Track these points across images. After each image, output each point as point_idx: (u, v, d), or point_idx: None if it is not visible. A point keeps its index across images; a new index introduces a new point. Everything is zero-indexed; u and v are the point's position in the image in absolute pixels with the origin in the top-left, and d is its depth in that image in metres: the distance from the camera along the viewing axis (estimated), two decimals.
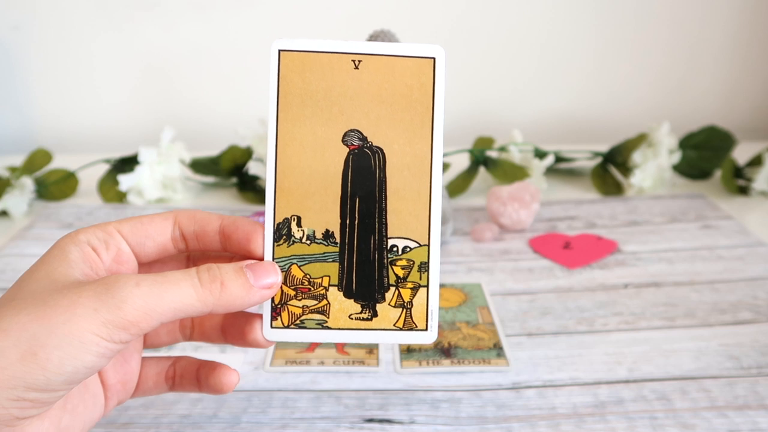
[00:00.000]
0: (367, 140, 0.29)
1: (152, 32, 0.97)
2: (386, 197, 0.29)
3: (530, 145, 0.82)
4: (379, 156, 0.29)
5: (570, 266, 0.60)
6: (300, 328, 0.30)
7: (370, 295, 0.30)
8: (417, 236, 0.29)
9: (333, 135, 0.29)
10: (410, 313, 0.30)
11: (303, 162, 0.29)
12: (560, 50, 0.99)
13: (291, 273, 0.29)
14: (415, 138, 0.29)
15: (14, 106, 1.00)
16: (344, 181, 0.30)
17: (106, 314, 0.26)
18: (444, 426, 0.41)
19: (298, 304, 0.29)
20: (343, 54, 0.30)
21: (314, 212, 0.29)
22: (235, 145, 0.80)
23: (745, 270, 0.59)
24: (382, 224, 0.29)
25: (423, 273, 0.30)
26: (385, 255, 0.29)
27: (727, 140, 0.81)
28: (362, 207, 0.29)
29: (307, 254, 0.30)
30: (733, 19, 0.98)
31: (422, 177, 0.29)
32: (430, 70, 0.30)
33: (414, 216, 0.29)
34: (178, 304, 0.28)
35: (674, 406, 0.42)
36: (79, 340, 0.26)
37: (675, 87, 1.02)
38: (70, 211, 0.73)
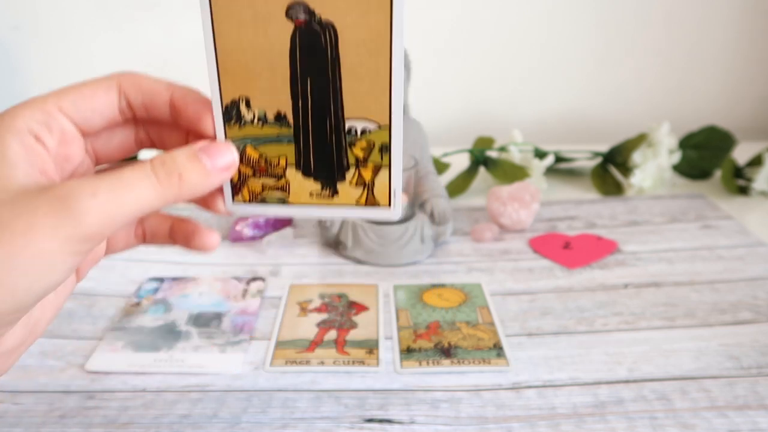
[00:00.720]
0: (315, 14, 0.26)
1: (152, 32, 0.97)
2: (341, 77, 0.27)
3: (530, 145, 0.82)
4: (329, 32, 0.26)
5: (570, 266, 0.60)
6: (261, 203, 0.29)
7: (330, 175, 0.29)
8: (377, 117, 0.28)
9: (275, 8, 0.26)
10: (372, 191, 0.29)
11: (244, 40, 0.27)
12: (560, 50, 0.99)
13: (246, 153, 0.28)
14: (371, 9, 0.26)
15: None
16: (292, 60, 0.27)
17: (67, 230, 0.25)
18: (444, 426, 0.41)
19: (258, 182, 0.29)
20: None
21: (263, 93, 0.27)
22: None
23: (745, 270, 0.59)
24: (338, 106, 0.27)
25: (384, 154, 0.28)
26: (343, 138, 0.28)
27: (727, 140, 0.81)
28: (314, 88, 0.27)
29: (261, 136, 0.28)
30: (734, 19, 0.98)
31: (380, 54, 0.26)
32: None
33: (372, 96, 0.27)
34: (138, 206, 0.26)
35: (674, 406, 0.42)
36: (44, 262, 0.25)
37: (675, 87, 1.02)
38: None
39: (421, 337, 0.50)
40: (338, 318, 0.52)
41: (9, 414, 0.42)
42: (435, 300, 0.55)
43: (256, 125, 0.28)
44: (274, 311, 0.54)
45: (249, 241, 0.66)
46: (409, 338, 0.50)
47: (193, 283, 0.58)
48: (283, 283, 0.58)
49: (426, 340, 0.49)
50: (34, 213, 0.25)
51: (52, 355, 0.48)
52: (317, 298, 0.55)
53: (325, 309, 0.54)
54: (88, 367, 0.46)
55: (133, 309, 0.54)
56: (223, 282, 0.58)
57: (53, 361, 0.47)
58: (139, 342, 0.49)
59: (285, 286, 0.58)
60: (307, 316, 0.53)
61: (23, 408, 0.43)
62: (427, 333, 0.50)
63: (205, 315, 0.53)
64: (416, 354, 0.48)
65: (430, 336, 0.50)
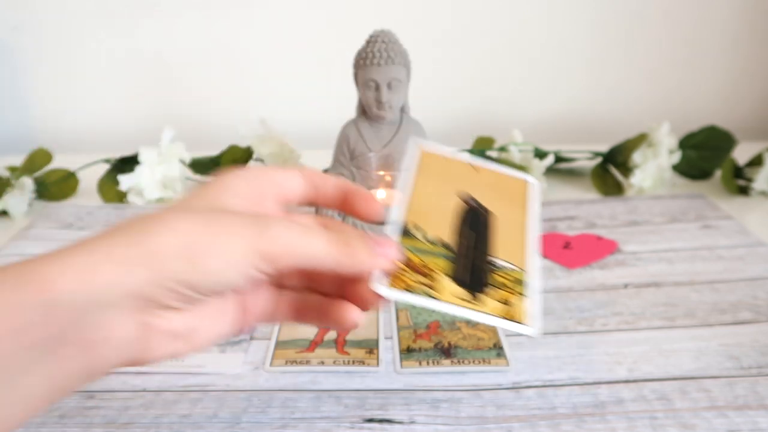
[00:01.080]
0: (478, 201, 0.39)
1: (152, 32, 0.97)
2: (493, 234, 0.38)
3: (530, 145, 0.82)
4: (487, 212, 0.39)
5: (570, 266, 0.60)
6: (409, 292, 0.33)
7: (476, 287, 0.35)
8: (517, 262, 0.37)
9: (453, 189, 0.39)
10: (511, 309, 0.34)
11: (431, 195, 0.38)
12: (560, 50, 0.99)
13: (407, 256, 0.35)
14: (515, 206, 0.40)
15: (14, 106, 1.00)
16: (460, 218, 0.38)
17: (258, 242, 0.30)
18: (444, 426, 0.41)
19: (410, 278, 0.34)
20: (468, 163, 0.41)
21: (434, 227, 0.37)
22: (235, 145, 0.80)
23: (745, 270, 0.59)
24: (489, 249, 0.37)
25: (521, 286, 0.36)
26: (491, 267, 0.36)
27: (727, 140, 0.81)
28: (474, 235, 0.37)
29: (424, 249, 0.35)
30: (733, 19, 0.98)
31: (520, 227, 0.39)
32: (525, 185, 0.42)
33: (514, 249, 0.37)
34: (314, 253, 0.31)
35: (674, 406, 0.42)
36: (232, 256, 0.29)
37: (675, 87, 1.02)
38: (70, 211, 0.73)
39: (421, 337, 0.50)
40: None
41: None
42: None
43: (422, 241, 0.36)
44: None
45: None
46: (409, 338, 0.50)
47: None
48: None
49: (426, 340, 0.49)
50: (242, 220, 0.30)
51: None
52: None
53: None
54: None
55: None
56: None
57: None
58: None
59: None
60: None
61: None
62: (427, 333, 0.50)
63: None
64: (416, 354, 0.48)
65: (430, 336, 0.50)
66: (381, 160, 0.63)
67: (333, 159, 0.66)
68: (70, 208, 0.74)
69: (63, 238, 0.66)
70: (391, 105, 0.62)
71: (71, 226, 0.70)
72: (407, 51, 0.63)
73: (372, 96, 0.62)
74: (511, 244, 0.38)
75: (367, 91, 0.62)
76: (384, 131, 0.64)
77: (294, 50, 0.99)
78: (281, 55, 0.99)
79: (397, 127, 0.64)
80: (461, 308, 0.33)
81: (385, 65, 0.60)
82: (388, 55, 0.61)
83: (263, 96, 1.01)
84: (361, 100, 0.63)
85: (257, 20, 0.97)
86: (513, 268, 0.36)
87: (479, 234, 0.38)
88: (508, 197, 0.41)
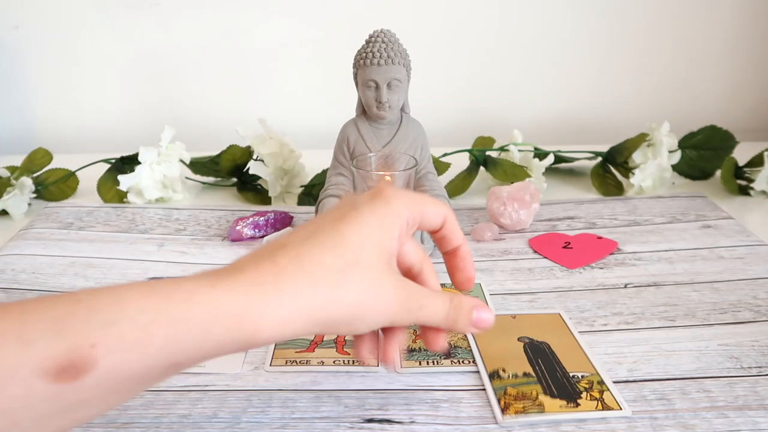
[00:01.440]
0: (534, 339, 0.49)
1: (152, 32, 0.97)
2: (557, 356, 0.47)
3: (530, 145, 0.82)
4: (545, 344, 0.49)
5: (570, 266, 0.60)
6: (525, 415, 0.41)
7: (572, 398, 0.43)
8: (587, 369, 0.46)
9: (515, 338, 0.50)
10: (604, 402, 0.42)
11: (499, 349, 0.48)
12: (560, 50, 0.99)
13: (507, 392, 0.44)
14: (563, 335, 0.50)
15: (14, 106, 1.00)
16: (527, 354, 0.48)
17: (398, 315, 0.36)
18: (444, 426, 0.41)
19: (520, 405, 0.42)
20: (509, 315, 0.52)
21: (512, 366, 0.46)
22: (235, 145, 0.80)
23: (745, 270, 0.59)
24: (561, 367, 0.46)
25: (601, 386, 0.44)
26: (571, 380, 0.45)
27: (727, 140, 0.81)
28: (543, 362, 0.46)
29: (515, 383, 0.44)
30: (734, 19, 0.98)
31: (577, 349, 0.48)
32: (559, 316, 0.53)
33: (579, 361, 0.47)
34: (436, 312, 0.37)
35: (674, 406, 0.42)
36: (376, 325, 0.36)
37: (675, 87, 1.02)
38: (70, 211, 0.73)
39: (421, 337, 0.50)
40: None
41: None
42: None
43: (511, 379, 0.45)
44: None
45: (249, 241, 0.66)
46: (409, 338, 0.50)
47: None
48: None
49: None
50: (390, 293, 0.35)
51: None
52: None
53: None
54: None
55: None
56: None
57: None
58: None
59: None
60: None
61: None
62: None
63: None
64: (416, 354, 0.48)
65: None
66: (381, 160, 0.63)
67: (333, 159, 0.66)
68: (70, 208, 0.74)
69: (63, 238, 0.66)
70: (391, 105, 0.62)
71: (71, 226, 0.70)
72: (407, 51, 0.63)
73: (372, 96, 0.62)
74: (573, 356, 0.47)
75: (367, 91, 0.62)
76: (384, 131, 0.64)
77: (294, 50, 0.99)
78: (281, 55, 0.99)
79: (397, 127, 0.64)
80: (569, 414, 0.41)
81: (385, 65, 0.60)
82: (388, 55, 0.61)
83: (263, 96, 1.01)
84: (361, 100, 0.63)
85: (257, 20, 0.97)
86: (587, 375, 0.45)
87: (546, 358, 0.47)
88: (550, 327, 0.51)
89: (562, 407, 0.42)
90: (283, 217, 0.69)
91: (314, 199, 0.75)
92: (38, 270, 0.60)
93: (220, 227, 0.69)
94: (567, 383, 0.44)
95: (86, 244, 0.65)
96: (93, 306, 0.28)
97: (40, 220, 0.71)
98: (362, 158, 0.63)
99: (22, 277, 0.59)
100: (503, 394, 0.43)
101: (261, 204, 0.77)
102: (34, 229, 0.69)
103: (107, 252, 0.64)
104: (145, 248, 0.65)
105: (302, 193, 0.78)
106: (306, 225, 0.36)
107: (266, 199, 0.77)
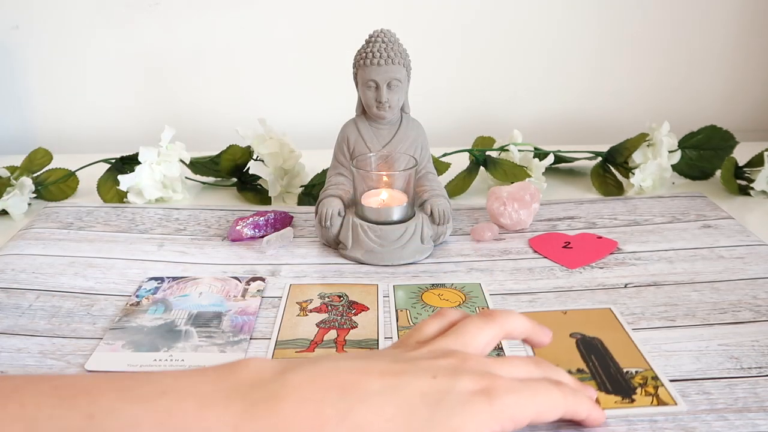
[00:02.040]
0: (585, 334, 0.50)
1: (152, 32, 0.97)
2: (610, 351, 0.48)
3: (530, 145, 0.82)
4: (597, 340, 0.49)
5: (570, 266, 0.60)
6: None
7: (626, 393, 0.43)
8: (640, 365, 0.46)
9: (567, 335, 0.50)
10: (658, 397, 0.43)
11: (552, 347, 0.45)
12: (560, 50, 0.99)
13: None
14: (613, 329, 0.51)
15: (14, 106, 1.00)
16: (579, 349, 0.48)
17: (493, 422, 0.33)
18: None
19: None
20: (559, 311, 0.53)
21: (565, 363, 0.46)
22: (235, 145, 0.80)
23: (745, 270, 0.59)
24: (614, 362, 0.46)
25: (655, 381, 0.44)
26: (625, 375, 0.45)
27: (727, 140, 0.81)
28: (596, 358, 0.47)
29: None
30: (734, 19, 0.98)
31: (628, 343, 0.49)
32: (610, 311, 0.53)
33: (631, 356, 0.47)
34: (554, 415, 0.36)
35: (674, 407, 0.42)
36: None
37: (675, 87, 1.02)
38: (70, 211, 0.73)
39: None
40: (338, 318, 0.52)
41: None
42: (435, 300, 0.55)
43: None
44: (274, 311, 0.54)
45: (249, 241, 0.66)
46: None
47: (193, 282, 0.58)
48: (283, 282, 0.58)
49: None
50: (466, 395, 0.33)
51: (51, 355, 0.48)
52: (317, 298, 0.55)
53: (325, 309, 0.54)
54: (88, 366, 0.46)
55: (133, 309, 0.54)
56: (222, 282, 0.58)
57: (53, 361, 0.47)
58: (138, 342, 0.49)
59: (285, 285, 0.58)
60: (307, 316, 0.53)
61: None
62: None
63: (204, 315, 0.53)
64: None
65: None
66: (381, 160, 0.63)
67: (333, 159, 0.66)
68: (70, 208, 0.74)
69: (63, 237, 0.66)
70: (390, 105, 0.62)
71: (71, 226, 0.70)
72: (407, 51, 0.63)
73: (372, 96, 0.62)
74: (624, 352, 0.47)
75: (367, 90, 0.62)
76: (384, 131, 0.64)
77: (294, 50, 0.99)
78: (281, 55, 0.99)
79: (396, 127, 0.64)
80: (623, 410, 0.42)
81: (384, 65, 0.60)
82: (388, 55, 0.61)
83: (263, 96, 1.01)
84: (361, 100, 0.63)
85: (257, 20, 0.97)
86: (641, 370, 0.45)
87: (598, 353, 0.47)
88: (600, 322, 0.51)
89: (617, 403, 0.42)
90: (283, 217, 0.69)
91: (314, 199, 0.75)
92: (38, 270, 0.60)
93: (220, 227, 0.69)
94: (621, 379, 0.44)
95: (86, 244, 0.65)
96: None
97: (40, 220, 0.71)
98: (362, 158, 0.63)
99: (22, 277, 0.59)
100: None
101: (261, 204, 0.77)
102: (34, 229, 0.69)
103: (107, 252, 0.64)
104: (145, 248, 0.65)
105: (302, 193, 0.78)
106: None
107: (266, 199, 0.77)
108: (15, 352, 0.48)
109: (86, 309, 0.54)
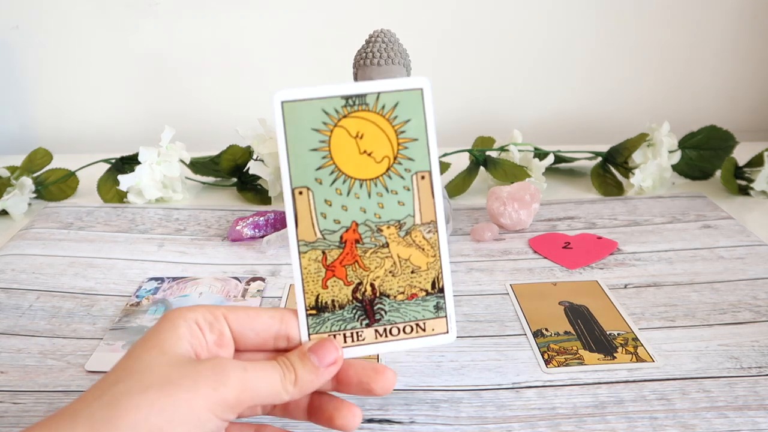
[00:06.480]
0: (573, 302, 0.54)
1: (152, 32, 0.97)
2: (595, 317, 0.52)
3: (530, 145, 0.82)
4: (584, 308, 0.53)
5: (570, 266, 0.60)
6: (567, 366, 0.46)
7: (608, 351, 0.47)
8: (622, 328, 0.50)
9: (556, 302, 0.56)
10: (638, 356, 0.47)
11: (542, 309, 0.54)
12: (560, 50, 0.99)
13: (550, 347, 0.48)
14: (600, 300, 0.55)
15: (14, 106, 1.00)
16: (568, 316, 0.52)
17: (222, 394, 0.30)
18: (444, 426, 0.41)
19: (562, 358, 0.47)
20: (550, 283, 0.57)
21: (555, 326, 0.51)
22: (235, 145, 0.80)
23: (745, 270, 0.59)
24: (599, 326, 0.51)
25: (636, 342, 0.48)
26: (608, 336, 0.49)
27: (727, 140, 0.81)
28: (583, 323, 0.51)
29: (558, 339, 0.49)
30: (733, 18, 0.98)
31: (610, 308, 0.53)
32: (596, 283, 0.58)
33: (615, 320, 0.51)
34: (271, 392, 0.32)
35: (674, 406, 0.42)
36: (198, 418, 0.30)
37: (675, 87, 1.02)
38: (70, 211, 0.73)
39: (334, 271, 0.33)
40: None
41: (9, 414, 0.42)
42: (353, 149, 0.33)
43: (553, 337, 0.50)
44: None
45: (249, 241, 0.66)
46: (317, 278, 0.33)
47: (193, 283, 0.58)
48: (283, 283, 0.58)
49: (341, 282, 0.33)
50: (198, 374, 0.30)
51: (51, 355, 0.48)
52: None
53: None
54: (88, 367, 0.47)
55: (133, 309, 0.54)
56: (222, 282, 0.58)
57: (53, 361, 0.47)
58: None
59: (285, 286, 0.58)
60: None
61: (23, 408, 0.43)
62: (342, 260, 0.33)
63: None
64: (328, 317, 0.34)
65: (346, 269, 0.33)
66: None
67: None
68: (70, 208, 0.74)
69: (63, 237, 0.66)
70: None
71: (71, 226, 0.70)
72: (407, 51, 0.63)
73: None
74: (610, 316, 0.52)
75: None
76: None
77: (294, 50, 0.99)
78: (281, 55, 0.99)
79: None
80: (607, 365, 0.46)
81: (384, 65, 0.60)
82: (388, 55, 0.61)
83: (263, 96, 1.01)
84: None
85: (257, 20, 0.97)
86: (623, 332, 0.50)
87: (585, 320, 0.51)
88: (588, 292, 0.55)
89: (599, 360, 0.47)
90: (283, 217, 0.69)
91: None
92: (38, 270, 0.60)
93: (220, 227, 0.69)
94: (604, 340, 0.49)
95: (86, 244, 0.65)
96: None
97: (40, 220, 0.71)
98: None
99: (22, 277, 0.59)
100: (546, 350, 0.48)
101: (261, 204, 0.77)
102: (34, 229, 0.69)
103: (107, 252, 0.64)
104: (145, 248, 0.65)
105: None
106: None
107: (266, 199, 0.77)
108: (15, 353, 0.48)
109: (86, 309, 0.54)
